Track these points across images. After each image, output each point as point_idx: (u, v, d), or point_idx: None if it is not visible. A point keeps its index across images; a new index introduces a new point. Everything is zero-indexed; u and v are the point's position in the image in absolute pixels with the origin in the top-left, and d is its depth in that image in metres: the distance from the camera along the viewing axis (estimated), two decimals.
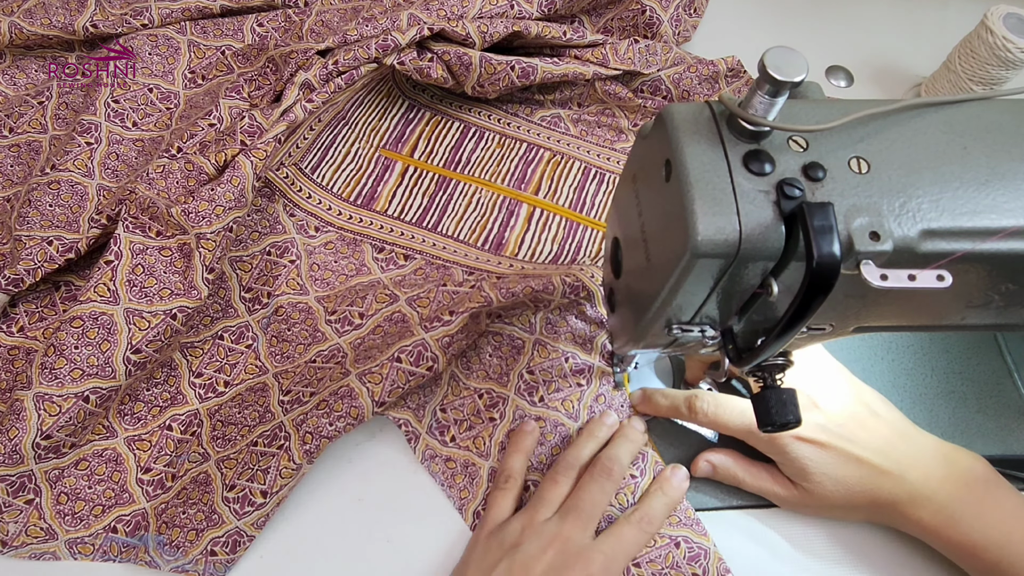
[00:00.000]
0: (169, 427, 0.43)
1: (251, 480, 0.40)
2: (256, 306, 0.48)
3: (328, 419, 0.41)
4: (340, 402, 0.41)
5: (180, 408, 0.44)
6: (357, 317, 0.47)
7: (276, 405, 0.43)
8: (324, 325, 0.47)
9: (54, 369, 0.40)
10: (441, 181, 0.55)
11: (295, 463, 0.40)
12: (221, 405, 0.44)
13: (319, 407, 0.41)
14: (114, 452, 0.42)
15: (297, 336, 0.47)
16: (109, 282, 0.42)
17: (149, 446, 0.43)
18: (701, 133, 0.27)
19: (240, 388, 0.45)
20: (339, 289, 0.49)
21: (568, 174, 0.57)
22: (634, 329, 0.34)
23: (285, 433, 0.41)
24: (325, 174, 0.54)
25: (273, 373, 0.45)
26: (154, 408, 0.44)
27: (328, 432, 0.40)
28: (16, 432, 0.39)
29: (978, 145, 0.28)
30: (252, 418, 0.43)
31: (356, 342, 0.46)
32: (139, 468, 0.42)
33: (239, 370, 0.46)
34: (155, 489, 0.42)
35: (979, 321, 0.33)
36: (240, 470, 0.41)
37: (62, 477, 0.41)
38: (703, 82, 0.59)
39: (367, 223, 0.53)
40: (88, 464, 0.42)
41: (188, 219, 0.43)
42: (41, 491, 0.40)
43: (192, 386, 0.45)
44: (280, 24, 0.56)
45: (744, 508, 0.44)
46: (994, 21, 0.54)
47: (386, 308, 0.47)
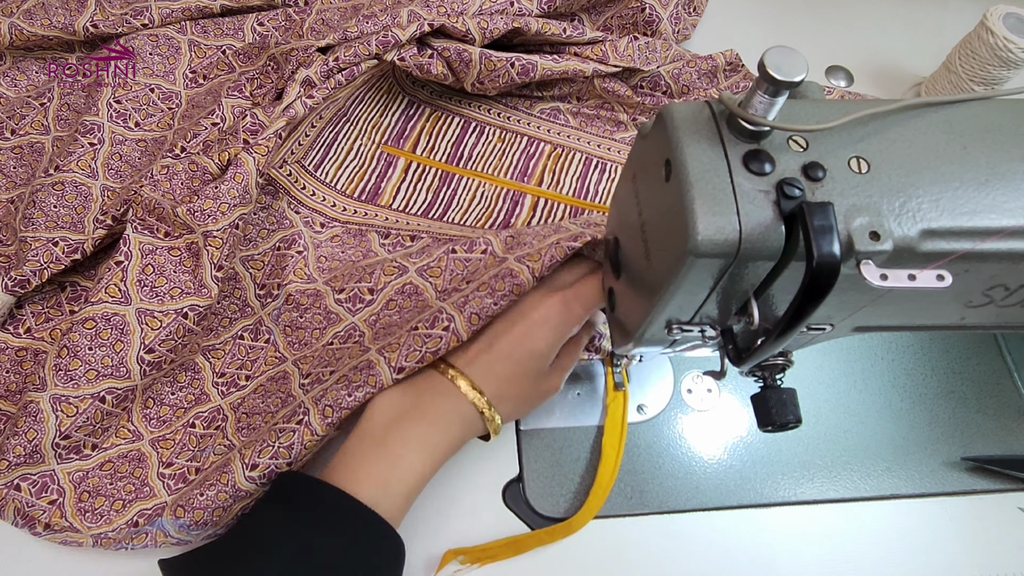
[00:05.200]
0: (192, 424, 0.44)
1: (275, 457, 0.39)
2: (268, 299, 0.48)
3: (347, 391, 0.40)
4: (358, 374, 0.40)
5: (203, 406, 0.44)
6: (367, 293, 0.47)
7: (297, 389, 0.43)
8: (335, 305, 0.47)
9: (69, 371, 0.40)
10: (444, 176, 0.55)
11: (318, 436, 0.39)
12: (244, 398, 0.44)
13: (339, 381, 0.41)
14: (138, 452, 0.42)
15: (311, 322, 0.46)
16: (120, 283, 0.42)
17: (172, 443, 0.43)
18: (701, 133, 0.27)
19: (261, 379, 0.45)
20: (344, 269, 0.49)
21: (570, 166, 0.57)
22: (634, 329, 0.34)
23: (304, 409, 0.40)
24: (328, 171, 0.55)
25: (292, 360, 0.45)
26: (179, 411, 0.44)
27: (347, 403, 0.39)
28: (35, 434, 0.39)
29: (978, 145, 0.28)
30: (275, 404, 0.43)
31: (372, 319, 0.46)
32: (161, 463, 0.42)
33: (260, 364, 0.46)
34: (176, 482, 0.42)
35: (979, 321, 0.33)
36: (260, 448, 0.40)
37: (86, 478, 0.41)
38: (702, 77, 0.59)
39: (371, 216, 0.53)
40: (113, 465, 0.42)
41: (194, 218, 0.43)
42: (65, 492, 0.40)
43: (216, 386, 0.45)
44: (281, 23, 0.56)
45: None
46: (994, 21, 0.54)
47: (396, 280, 0.47)
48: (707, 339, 0.33)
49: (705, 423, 0.47)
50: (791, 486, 0.45)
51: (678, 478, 0.45)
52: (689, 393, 0.48)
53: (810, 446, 0.47)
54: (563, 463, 0.45)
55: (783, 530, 0.44)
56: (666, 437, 0.46)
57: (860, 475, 0.46)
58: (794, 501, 0.45)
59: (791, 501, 0.45)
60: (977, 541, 0.44)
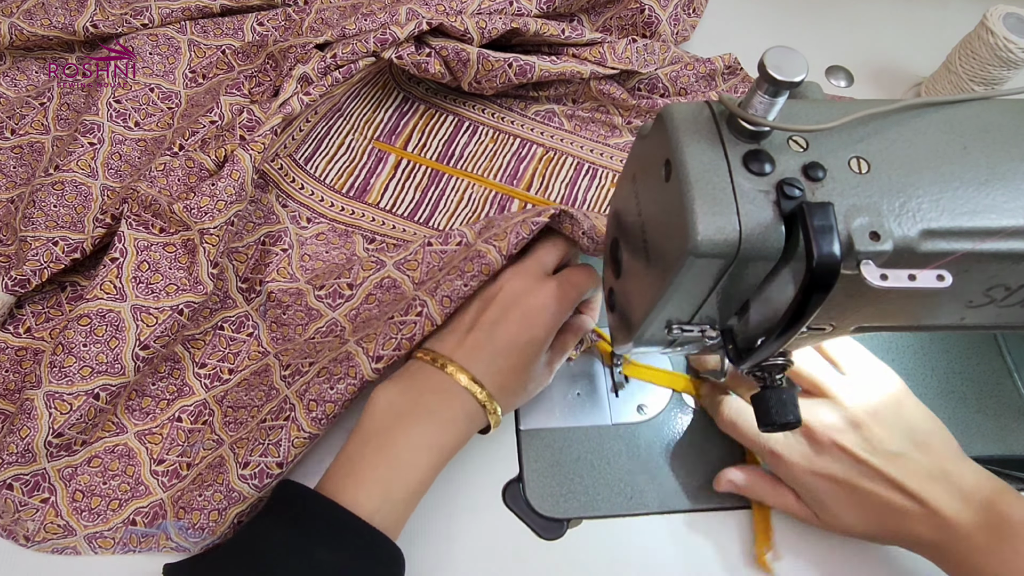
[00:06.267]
0: (178, 418, 0.44)
1: (264, 455, 0.40)
2: (252, 295, 0.48)
3: (329, 384, 0.41)
4: (339, 366, 0.41)
5: (188, 399, 0.44)
6: (346, 288, 0.47)
7: (279, 381, 0.43)
8: (315, 301, 0.47)
9: (63, 368, 0.40)
10: (433, 175, 0.55)
11: (305, 431, 0.40)
12: (228, 391, 0.45)
13: (320, 375, 0.41)
14: (125, 447, 0.43)
15: (294, 318, 0.47)
16: (115, 279, 0.42)
17: (160, 439, 0.43)
18: (701, 133, 0.27)
19: (244, 373, 0.45)
20: (326, 268, 0.50)
21: (560, 170, 0.57)
22: (634, 329, 0.34)
23: (290, 405, 0.41)
24: (318, 165, 0.55)
25: (274, 353, 0.46)
26: (162, 401, 0.44)
27: (331, 396, 0.40)
28: (28, 431, 0.39)
29: (978, 145, 0.28)
30: (259, 398, 0.44)
31: (352, 314, 0.46)
32: (152, 460, 0.42)
33: (243, 357, 0.46)
34: (170, 479, 0.42)
35: (979, 321, 0.33)
36: (251, 447, 0.41)
37: (75, 475, 0.41)
38: (700, 80, 0.59)
39: (359, 215, 0.53)
40: (101, 461, 0.42)
41: (191, 215, 0.43)
42: (56, 489, 0.41)
43: (197, 377, 0.45)
44: (280, 23, 0.56)
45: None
46: (994, 21, 0.54)
47: (374, 275, 0.47)
48: (707, 339, 0.33)
49: (705, 423, 0.47)
50: None
51: (678, 478, 0.45)
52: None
53: None
54: (563, 463, 0.45)
55: (783, 530, 0.44)
56: (666, 437, 0.46)
57: None
58: None
59: None
60: None
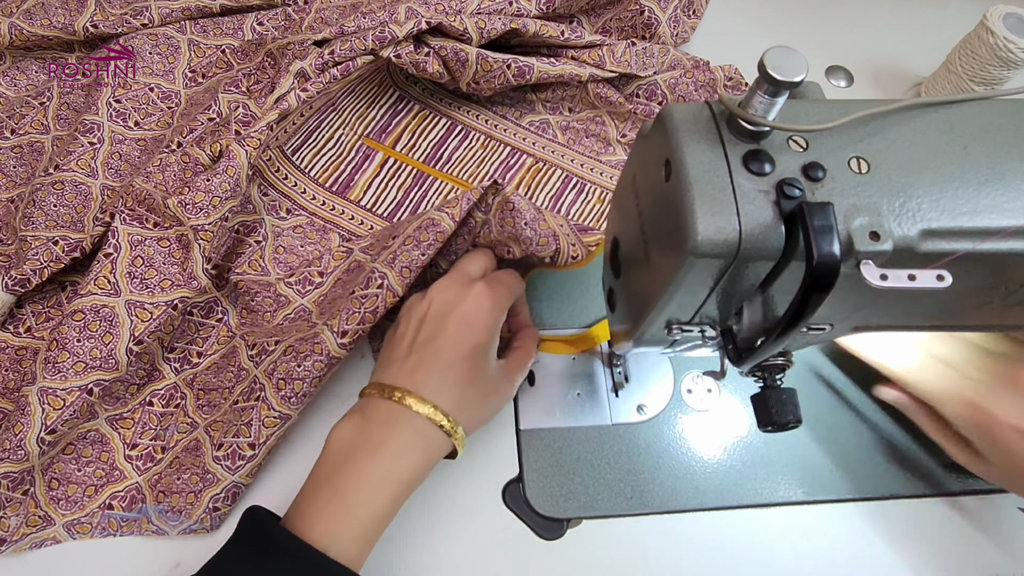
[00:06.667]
0: (150, 403, 0.44)
1: (236, 436, 0.41)
2: (222, 282, 0.48)
3: (296, 362, 0.41)
4: (305, 344, 0.41)
5: (158, 383, 0.45)
6: (317, 276, 0.47)
7: (247, 361, 0.44)
8: (285, 288, 0.47)
9: (57, 363, 0.40)
10: (418, 177, 0.55)
11: (276, 411, 0.41)
12: (197, 374, 0.45)
13: (286, 353, 0.42)
14: (98, 433, 0.43)
15: (262, 305, 0.47)
16: (109, 274, 0.42)
17: (132, 423, 0.43)
18: (701, 133, 0.27)
19: (214, 357, 0.46)
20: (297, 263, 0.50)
21: (547, 182, 0.56)
22: (634, 329, 0.34)
23: (260, 384, 0.42)
24: (305, 157, 0.55)
25: (240, 335, 0.46)
26: (131, 387, 0.44)
27: (298, 374, 0.41)
28: (21, 427, 0.39)
29: (978, 145, 0.28)
30: (229, 380, 0.44)
31: (320, 299, 0.46)
32: (125, 445, 0.43)
33: (212, 342, 0.46)
34: (145, 462, 0.42)
35: (979, 321, 0.33)
36: (225, 429, 0.41)
37: (51, 464, 0.41)
38: (700, 88, 0.58)
39: (339, 211, 0.53)
40: (74, 448, 0.42)
41: (185, 211, 0.43)
42: (35, 480, 0.41)
43: (167, 361, 0.45)
44: (280, 22, 0.56)
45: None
46: (994, 21, 0.54)
47: (343, 263, 0.48)
48: (707, 339, 0.33)
49: (705, 423, 0.47)
50: (791, 486, 0.45)
51: (678, 478, 0.45)
52: (689, 393, 0.48)
53: (810, 446, 0.47)
54: (563, 463, 0.45)
55: (783, 530, 0.44)
56: (666, 437, 0.46)
57: (860, 475, 0.46)
58: (794, 501, 0.45)
59: (791, 501, 0.45)
60: (977, 541, 0.44)
